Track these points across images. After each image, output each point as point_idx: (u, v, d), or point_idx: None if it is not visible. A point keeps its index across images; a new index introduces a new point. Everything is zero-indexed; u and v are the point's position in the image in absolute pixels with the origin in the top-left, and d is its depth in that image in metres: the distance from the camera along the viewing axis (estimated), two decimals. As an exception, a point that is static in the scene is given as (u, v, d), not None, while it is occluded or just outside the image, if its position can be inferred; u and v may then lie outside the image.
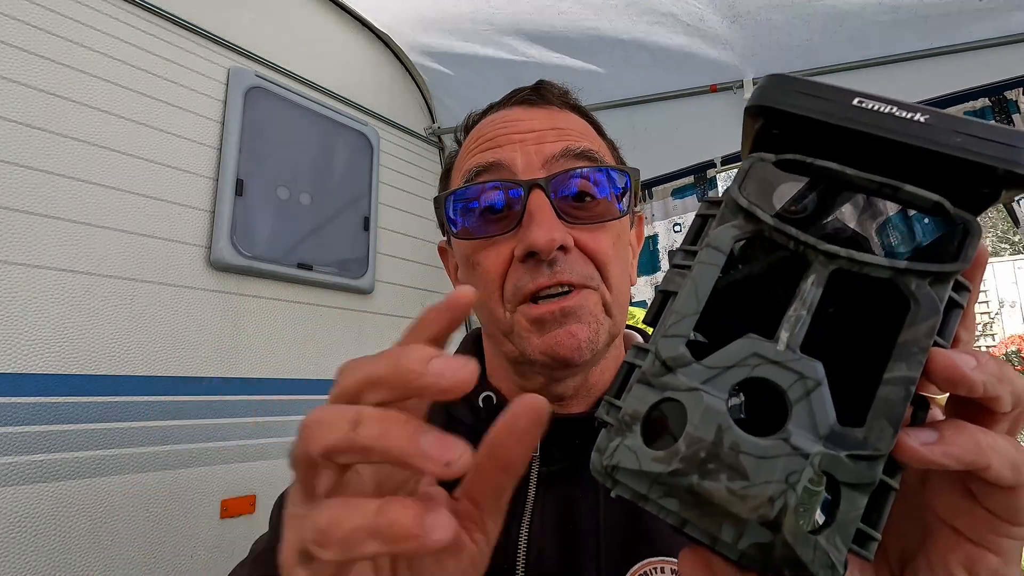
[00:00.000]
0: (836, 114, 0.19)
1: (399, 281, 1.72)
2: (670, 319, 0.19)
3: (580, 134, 0.54)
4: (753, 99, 0.21)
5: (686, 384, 0.18)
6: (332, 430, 0.20)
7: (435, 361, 0.20)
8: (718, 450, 0.17)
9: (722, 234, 0.20)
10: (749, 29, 1.35)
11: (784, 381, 0.18)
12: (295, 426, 0.22)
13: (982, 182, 0.19)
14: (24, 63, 1.02)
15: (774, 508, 0.16)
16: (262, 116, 1.38)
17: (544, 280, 0.47)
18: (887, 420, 0.18)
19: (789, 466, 0.17)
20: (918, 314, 0.18)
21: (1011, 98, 1.22)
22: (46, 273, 1.01)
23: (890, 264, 0.19)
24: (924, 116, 0.19)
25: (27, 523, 0.93)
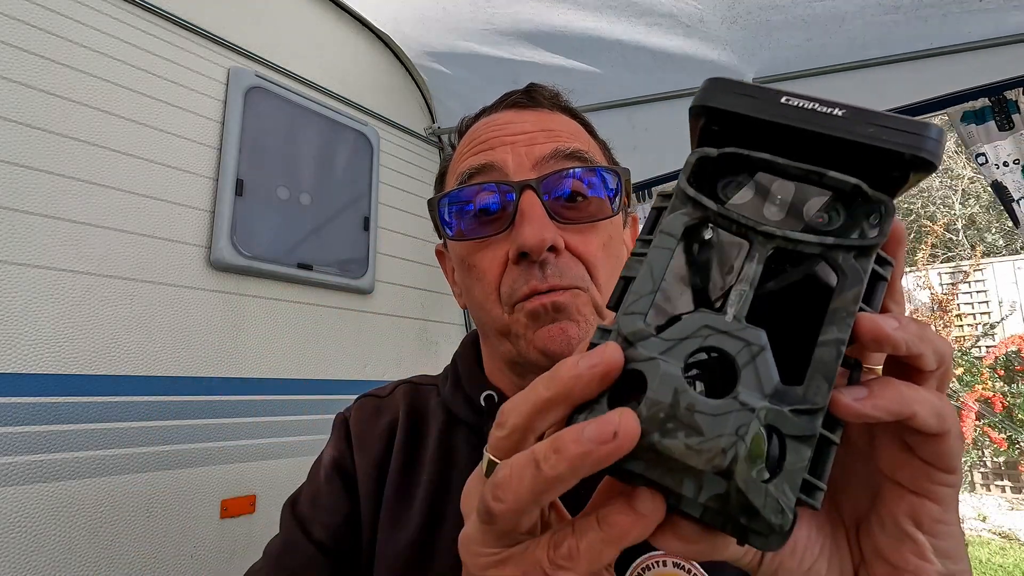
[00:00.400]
0: (766, 111, 0.22)
1: (399, 281, 1.73)
2: (629, 298, 0.21)
3: (570, 135, 0.54)
4: (695, 100, 0.23)
5: (645, 355, 0.20)
6: (522, 481, 0.20)
7: (582, 360, 0.20)
8: (675, 411, 0.19)
9: (673, 220, 0.22)
10: (748, 30, 1.35)
11: (732, 348, 0.20)
12: (295, 426, 0.22)
13: (893, 167, 0.22)
14: (24, 63, 1.02)
15: (727, 457, 0.18)
16: (262, 116, 1.39)
17: (536, 283, 0.48)
18: (822, 377, 0.20)
19: (738, 420, 0.19)
20: (845, 283, 0.21)
21: (1011, 98, 1.22)
22: (46, 273, 1.01)
23: (819, 240, 0.21)
24: (842, 111, 0.21)
25: (27, 523, 0.93)
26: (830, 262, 0.21)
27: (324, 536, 0.55)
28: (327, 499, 0.57)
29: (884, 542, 0.25)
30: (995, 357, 5.24)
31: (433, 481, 0.54)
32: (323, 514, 0.56)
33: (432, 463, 0.55)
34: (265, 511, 1.26)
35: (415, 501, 0.54)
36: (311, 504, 0.57)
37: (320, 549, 0.54)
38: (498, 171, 0.51)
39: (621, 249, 0.56)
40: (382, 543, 0.53)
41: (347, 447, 0.59)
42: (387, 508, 0.54)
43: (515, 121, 0.54)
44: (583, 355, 0.20)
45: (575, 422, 0.20)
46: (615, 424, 0.19)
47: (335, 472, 0.58)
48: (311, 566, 0.54)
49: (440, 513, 0.53)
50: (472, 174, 0.52)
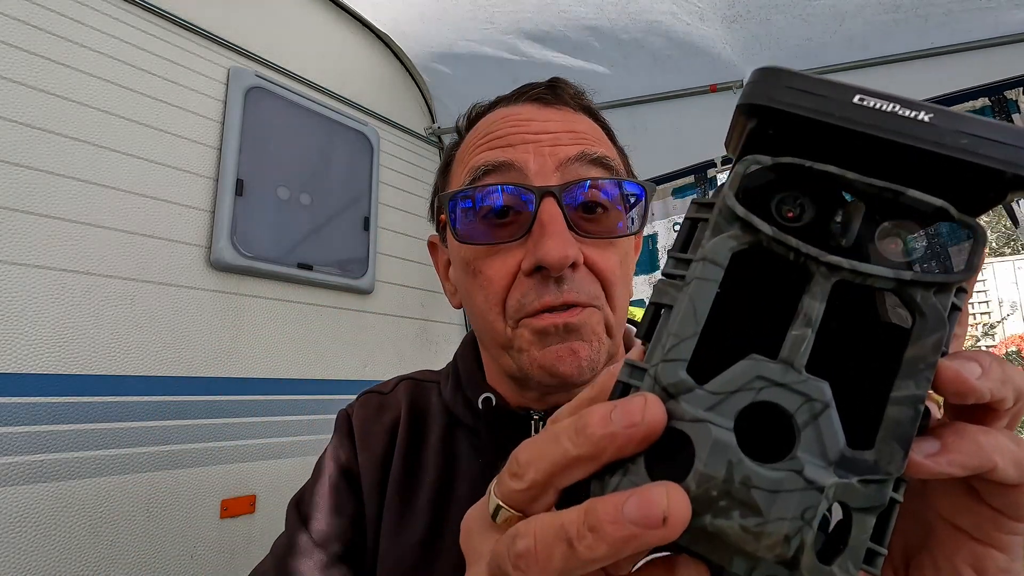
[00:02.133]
0: (835, 113, 0.18)
1: (399, 281, 1.72)
2: (669, 341, 0.18)
3: (596, 140, 0.51)
4: (745, 96, 0.19)
5: (691, 414, 0.17)
6: (550, 559, 0.18)
7: (616, 413, 0.17)
8: (729, 487, 0.16)
9: (719, 246, 0.18)
10: (749, 29, 1.35)
11: (791, 405, 0.17)
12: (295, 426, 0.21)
13: (988, 186, 0.18)
14: (24, 63, 1.02)
15: (791, 547, 0.16)
16: (262, 116, 1.38)
17: (550, 299, 0.45)
18: (897, 442, 0.17)
19: (804, 501, 0.16)
20: (924, 328, 0.18)
21: (1011, 97, 1.22)
22: (46, 273, 1.01)
23: (895, 275, 0.18)
24: (928, 115, 0.18)
25: (27, 523, 0.93)
26: (906, 300, 0.18)
27: (329, 535, 0.55)
28: (331, 499, 0.57)
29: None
30: (995, 357, 5.24)
31: (436, 483, 0.54)
32: (328, 514, 0.56)
33: (435, 464, 0.55)
34: (265, 511, 1.26)
35: (418, 503, 0.53)
36: (315, 504, 0.57)
37: (324, 549, 0.55)
38: (518, 172, 0.47)
39: (633, 266, 0.53)
40: (385, 545, 0.53)
41: (350, 445, 0.59)
42: (390, 510, 0.54)
43: (537, 118, 0.50)
44: (618, 407, 0.17)
45: (608, 485, 0.18)
46: (662, 507, 0.16)
47: (339, 472, 0.58)
48: (316, 567, 0.53)
49: (443, 516, 0.52)
50: (488, 171, 0.48)
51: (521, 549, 0.18)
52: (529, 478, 0.20)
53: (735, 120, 0.20)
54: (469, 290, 0.51)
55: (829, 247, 0.18)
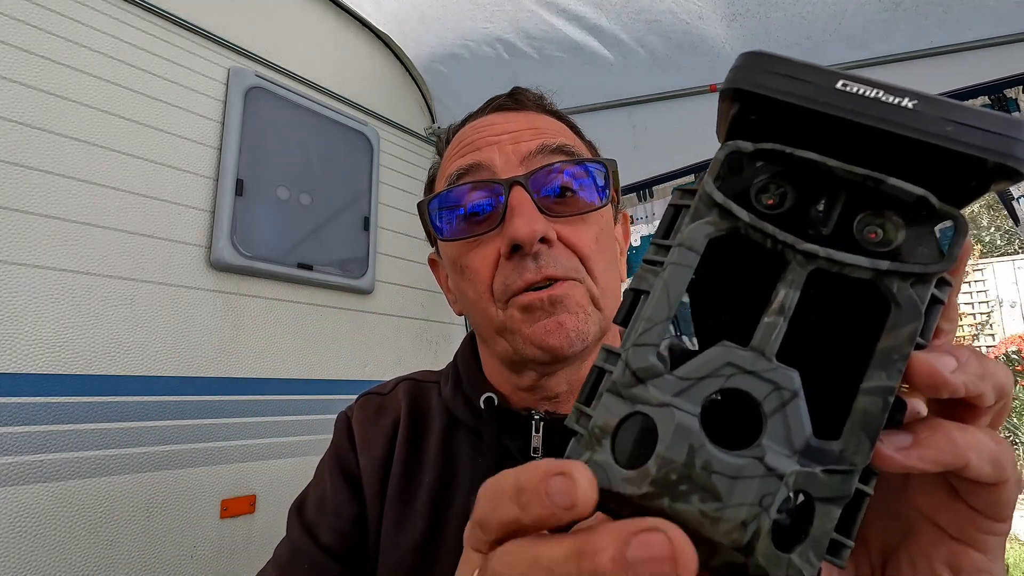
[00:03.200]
0: (819, 99, 0.18)
1: (399, 281, 1.72)
2: (640, 326, 0.18)
3: (555, 132, 0.55)
4: (728, 81, 0.19)
5: (657, 398, 0.17)
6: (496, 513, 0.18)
7: (553, 487, 0.17)
8: (690, 471, 0.16)
9: (695, 232, 0.18)
10: (748, 28, 1.35)
11: (759, 392, 0.17)
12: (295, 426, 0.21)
13: (971, 174, 0.18)
14: (24, 63, 1.02)
15: (747, 532, 0.16)
16: (262, 116, 1.39)
17: (531, 275, 0.48)
18: (864, 433, 0.17)
19: (763, 488, 0.16)
20: (899, 318, 0.18)
21: (1011, 96, 1.22)
22: (46, 273, 1.01)
23: (872, 265, 0.18)
24: (912, 101, 0.17)
25: (27, 523, 0.93)
26: (883, 290, 0.18)
27: (331, 540, 0.55)
28: (333, 502, 0.57)
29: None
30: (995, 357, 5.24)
31: (435, 483, 0.54)
32: (330, 518, 0.56)
33: (434, 465, 0.55)
34: (265, 511, 1.26)
35: (418, 503, 0.54)
36: (317, 508, 0.57)
37: (328, 554, 0.54)
38: (486, 170, 0.51)
39: (613, 243, 0.55)
40: (385, 546, 0.53)
41: (351, 448, 0.59)
42: (390, 510, 0.54)
43: (500, 122, 0.55)
44: (558, 472, 0.17)
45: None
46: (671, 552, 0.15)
47: (340, 474, 0.58)
48: (319, 570, 0.53)
49: (443, 516, 0.53)
50: (461, 174, 0.52)
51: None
52: (489, 536, 0.19)
53: (720, 106, 0.20)
54: (461, 287, 0.54)
55: (807, 235, 0.18)
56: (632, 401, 0.18)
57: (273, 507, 1.27)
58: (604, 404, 0.18)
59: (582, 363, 0.53)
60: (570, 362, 0.51)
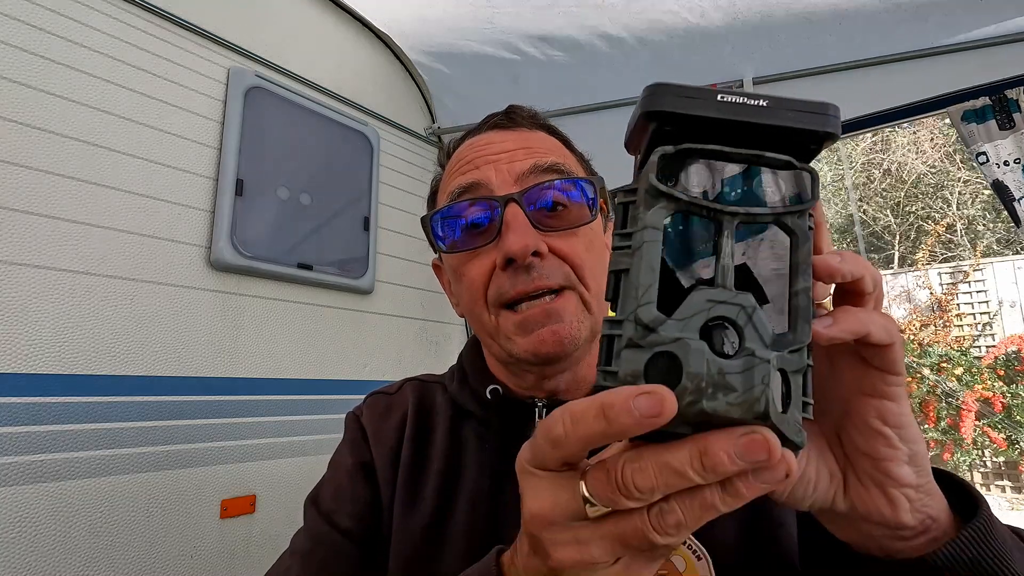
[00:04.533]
0: (709, 108, 0.26)
1: (399, 281, 1.72)
2: (640, 291, 0.24)
3: (548, 150, 0.59)
4: (645, 106, 0.26)
5: (670, 337, 0.23)
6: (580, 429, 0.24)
7: (639, 402, 0.22)
8: (711, 377, 0.23)
9: (655, 216, 0.25)
10: (749, 28, 1.35)
11: (732, 313, 0.24)
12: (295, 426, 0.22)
13: (809, 140, 0.26)
14: (24, 63, 1.02)
15: (762, 404, 0.22)
16: (262, 116, 1.38)
17: (524, 286, 0.52)
18: (803, 321, 0.25)
19: (761, 372, 0.23)
20: (798, 241, 0.26)
21: (1011, 96, 1.22)
22: (46, 273, 1.01)
23: (772, 211, 0.26)
24: (765, 101, 0.26)
25: (27, 523, 0.93)
26: (782, 226, 0.26)
27: (351, 524, 0.58)
28: (350, 490, 0.60)
29: (861, 442, 0.31)
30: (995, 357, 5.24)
31: (443, 469, 0.57)
32: (348, 504, 0.59)
33: (442, 453, 0.59)
34: (265, 511, 1.26)
35: (427, 489, 0.57)
36: (334, 497, 0.60)
37: (348, 537, 0.57)
38: (484, 187, 0.55)
39: (603, 251, 0.60)
40: (396, 528, 0.56)
41: (363, 441, 0.62)
42: (400, 495, 0.57)
43: (497, 141, 0.59)
44: (641, 393, 0.22)
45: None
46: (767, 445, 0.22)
47: (355, 464, 0.61)
48: (340, 555, 0.56)
49: (451, 500, 0.56)
50: (461, 192, 0.56)
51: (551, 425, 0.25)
52: (564, 452, 0.25)
53: (638, 124, 0.27)
54: (460, 293, 0.59)
55: (727, 201, 0.26)
56: (650, 346, 0.24)
57: (273, 507, 1.27)
58: (625, 358, 0.24)
59: (578, 364, 0.57)
60: (565, 363, 0.55)
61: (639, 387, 0.23)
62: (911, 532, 0.32)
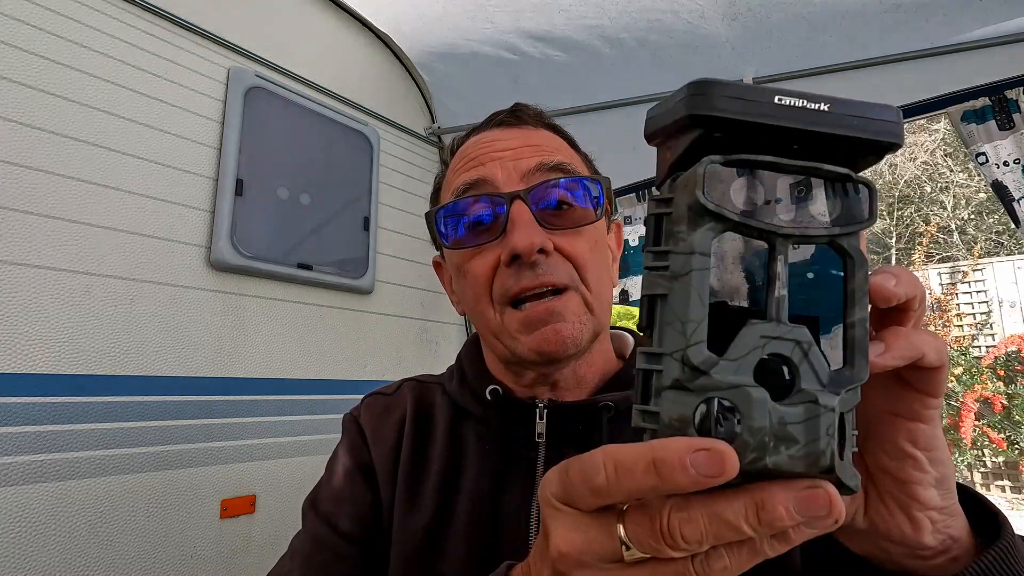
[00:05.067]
0: (765, 113, 0.22)
1: (399, 281, 1.72)
2: (688, 328, 0.22)
3: (554, 149, 0.58)
4: (691, 107, 0.23)
5: (725, 382, 0.21)
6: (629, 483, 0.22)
7: (697, 461, 0.20)
8: (773, 430, 0.21)
9: (703, 239, 0.22)
10: (749, 28, 1.35)
11: (787, 351, 0.22)
12: (295, 426, 0.22)
13: (870, 151, 0.24)
14: (24, 63, 1.02)
15: (828, 458, 0.21)
16: (262, 116, 1.38)
17: (528, 282, 0.52)
18: (861, 355, 0.23)
19: (826, 422, 0.21)
20: (854, 266, 0.23)
21: (1011, 97, 1.22)
22: (46, 273, 1.01)
23: (828, 232, 0.23)
24: (827, 105, 0.23)
25: (27, 523, 0.93)
26: (837, 248, 0.23)
27: (351, 527, 0.58)
28: (349, 492, 0.59)
29: (888, 462, 0.30)
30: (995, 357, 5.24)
31: (443, 469, 0.57)
32: (348, 506, 0.59)
33: (442, 453, 0.58)
34: (265, 511, 1.26)
35: (427, 489, 0.57)
36: (334, 500, 0.60)
37: (348, 540, 0.57)
38: (489, 184, 0.55)
39: (606, 252, 0.60)
40: (396, 529, 0.56)
41: (362, 442, 0.62)
42: (400, 495, 0.57)
43: (502, 138, 0.58)
44: (699, 449, 0.20)
45: None
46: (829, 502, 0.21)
47: (355, 466, 0.61)
48: (341, 557, 0.56)
49: (451, 499, 0.56)
50: (466, 188, 0.56)
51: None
52: (609, 495, 0.23)
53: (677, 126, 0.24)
54: (463, 289, 0.58)
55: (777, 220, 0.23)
56: (701, 391, 0.21)
57: (273, 507, 1.27)
58: (670, 400, 0.22)
59: (579, 362, 0.56)
60: (566, 363, 0.55)
61: (695, 441, 0.20)
62: (931, 552, 0.31)
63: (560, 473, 0.25)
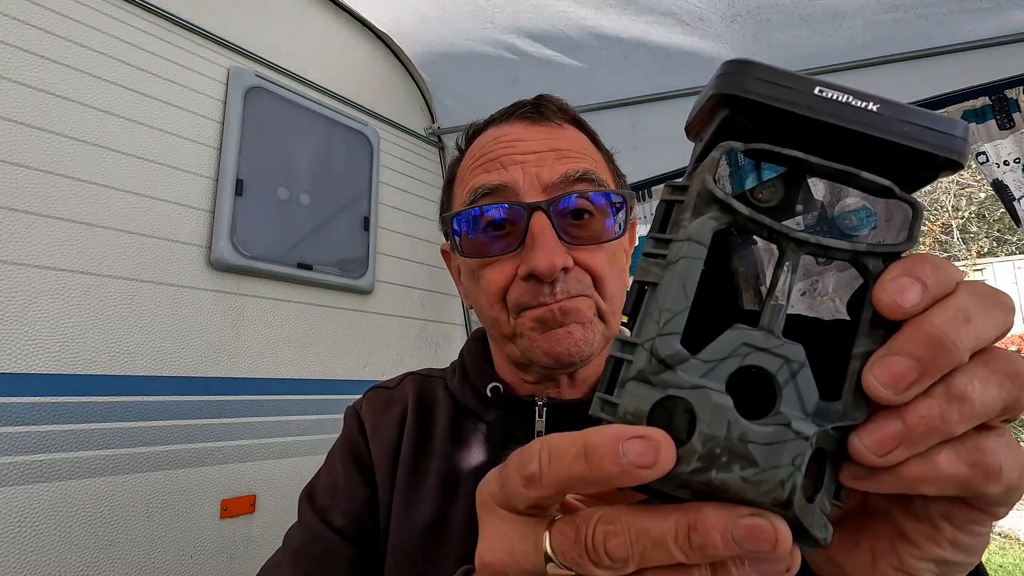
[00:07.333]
0: (800, 103, 0.20)
1: (399, 281, 1.72)
2: (663, 317, 0.20)
3: (578, 153, 0.56)
4: (719, 87, 0.20)
5: (689, 382, 0.19)
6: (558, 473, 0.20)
7: (628, 448, 0.18)
8: (729, 444, 0.18)
9: (702, 227, 0.20)
10: (748, 28, 1.35)
11: (772, 366, 0.19)
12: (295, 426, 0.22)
13: (923, 166, 0.21)
14: (24, 63, 1.02)
15: (785, 490, 0.18)
16: (262, 116, 1.38)
17: (545, 299, 0.50)
18: (860, 393, 0.19)
19: (793, 450, 0.18)
20: None
21: (1011, 96, 1.22)
22: (46, 273, 1.01)
23: (851, 247, 0.20)
24: (876, 105, 0.20)
25: (27, 523, 0.93)
26: (860, 268, 0.20)
27: (344, 523, 0.57)
28: (345, 487, 0.59)
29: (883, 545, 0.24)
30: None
31: (443, 467, 0.57)
32: (342, 502, 0.58)
33: (442, 450, 0.58)
34: (265, 511, 1.26)
35: (426, 486, 0.56)
36: (329, 494, 0.59)
37: (341, 536, 0.57)
38: (510, 191, 0.53)
39: (624, 261, 0.59)
40: (395, 526, 0.56)
41: (361, 436, 0.61)
42: (400, 492, 0.57)
43: (525, 138, 0.56)
44: (633, 436, 0.18)
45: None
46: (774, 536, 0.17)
47: (352, 461, 0.60)
48: (332, 553, 0.56)
49: (452, 497, 0.55)
50: (485, 193, 0.53)
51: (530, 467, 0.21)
52: (538, 494, 0.21)
53: (706, 109, 0.21)
54: (474, 293, 0.57)
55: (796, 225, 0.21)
56: (663, 386, 0.19)
57: (273, 507, 1.27)
58: (631, 391, 0.19)
59: (585, 366, 0.56)
60: (575, 368, 0.54)
61: (631, 428, 0.18)
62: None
63: (500, 469, 0.23)
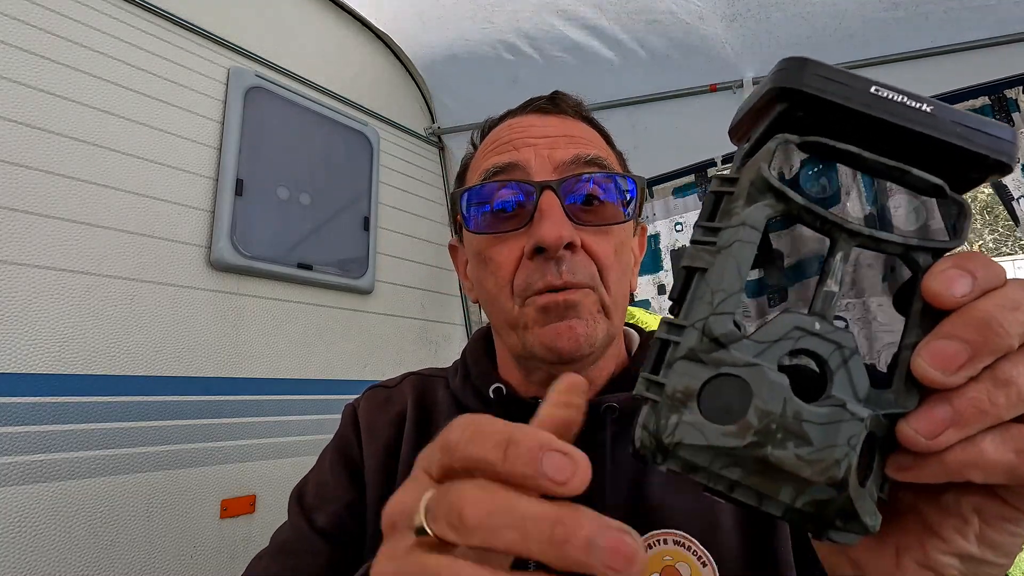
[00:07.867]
0: (856, 100, 0.21)
1: (399, 281, 1.72)
2: (716, 297, 0.20)
3: (590, 142, 0.56)
4: (779, 80, 0.21)
5: (743, 359, 0.19)
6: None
7: (550, 454, 0.18)
8: (785, 421, 0.18)
9: (756, 213, 0.21)
10: (748, 28, 1.35)
11: (824, 351, 0.20)
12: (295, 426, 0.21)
13: (973, 168, 0.21)
14: (24, 63, 1.02)
15: (841, 469, 0.18)
16: (262, 116, 1.38)
17: (552, 278, 0.49)
18: (911, 381, 0.20)
19: (849, 431, 0.18)
20: None
21: (1011, 96, 1.22)
22: (46, 273, 1.01)
23: (903, 241, 0.21)
24: (929, 106, 0.21)
25: (27, 523, 0.93)
26: (909, 263, 0.21)
27: (327, 524, 0.57)
28: (332, 488, 0.59)
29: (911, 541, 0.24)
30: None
31: None
32: (327, 503, 0.58)
33: None
34: (265, 511, 1.26)
35: None
36: (316, 493, 0.59)
37: (322, 536, 0.56)
38: (521, 170, 0.53)
39: (629, 255, 0.58)
40: None
41: (355, 436, 0.61)
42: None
43: (538, 124, 0.56)
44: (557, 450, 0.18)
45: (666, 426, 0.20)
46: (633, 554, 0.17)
47: (341, 462, 0.60)
48: (311, 552, 0.56)
49: None
50: (496, 172, 0.53)
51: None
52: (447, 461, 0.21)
53: (761, 103, 0.22)
54: (481, 277, 0.56)
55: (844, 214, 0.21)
56: (715, 364, 0.19)
57: (273, 507, 1.27)
58: (679, 370, 0.20)
59: (590, 365, 0.55)
60: (578, 364, 0.53)
61: (559, 442, 0.19)
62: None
63: (437, 439, 0.23)
